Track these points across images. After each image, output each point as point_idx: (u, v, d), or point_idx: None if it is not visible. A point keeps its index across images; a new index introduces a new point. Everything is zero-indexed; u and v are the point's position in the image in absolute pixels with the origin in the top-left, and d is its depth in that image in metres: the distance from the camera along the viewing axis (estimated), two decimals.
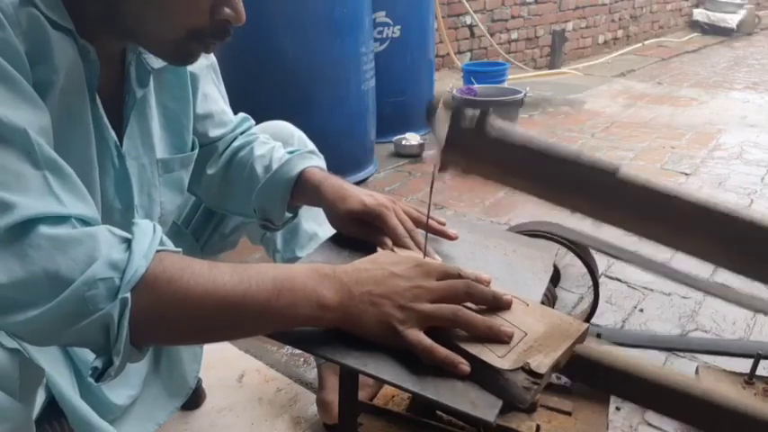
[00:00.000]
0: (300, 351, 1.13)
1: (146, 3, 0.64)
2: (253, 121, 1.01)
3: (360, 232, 0.82)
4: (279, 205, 0.91)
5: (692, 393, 0.63)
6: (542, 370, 0.57)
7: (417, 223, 0.82)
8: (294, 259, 1.06)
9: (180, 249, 0.60)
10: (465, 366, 0.58)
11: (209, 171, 0.96)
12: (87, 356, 0.78)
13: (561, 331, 0.64)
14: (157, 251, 0.56)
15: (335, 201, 0.84)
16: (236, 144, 0.97)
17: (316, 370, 1.21)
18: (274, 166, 0.91)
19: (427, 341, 0.59)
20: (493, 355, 0.59)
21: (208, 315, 0.58)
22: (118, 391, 0.87)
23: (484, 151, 0.63)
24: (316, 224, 1.08)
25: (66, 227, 0.53)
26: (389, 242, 0.79)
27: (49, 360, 0.69)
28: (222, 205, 1.01)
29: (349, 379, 0.75)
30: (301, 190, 0.89)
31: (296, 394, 1.26)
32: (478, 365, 0.59)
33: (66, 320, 0.52)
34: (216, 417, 1.19)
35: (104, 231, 0.55)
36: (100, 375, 0.56)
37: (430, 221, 0.83)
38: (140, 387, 0.93)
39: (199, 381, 1.11)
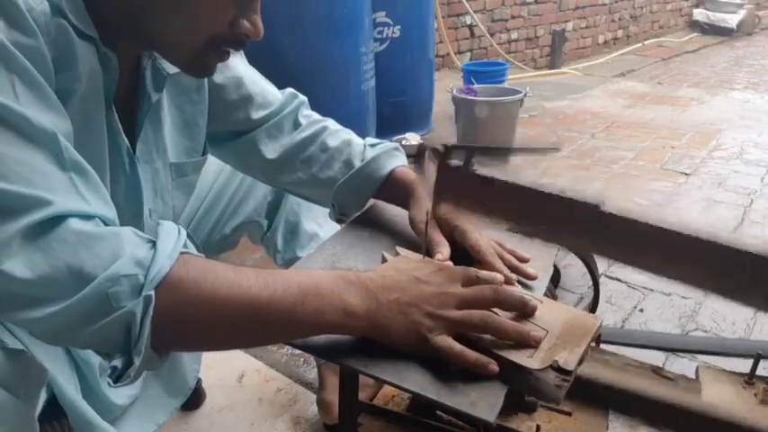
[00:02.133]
0: (300, 351, 1.13)
1: (168, 11, 0.64)
2: (302, 98, 0.97)
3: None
4: (362, 201, 0.92)
5: (691, 410, 0.63)
6: (571, 367, 0.58)
7: (500, 256, 0.79)
8: (294, 259, 1.06)
9: (202, 254, 0.60)
10: (494, 366, 0.59)
11: (270, 156, 0.93)
12: (89, 356, 0.79)
13: (580, 326, 0.65)
14: (181, 253, 0.56)
15: (422, 198, 0.83)
16: (302, 136, 0.93)
17: (316, 370, 1.21)
18: (356, 163, 0.91)
19: (458, 346, 0.59)
20: (521, 356, 0.60)
21: (232, 319, 0.57)
22: (119, 391, 0.87)
23: (470, 194, 0.64)
24: (316, 224, 1.08)
25: (92, 225, 0.54)
26: (445, 252, 0.76)
27: (52, 359, 0.69)
28: (290, 191, 1.01)
29: (349, 379, 0.75)
30: (389, 189, 0.90)
31: (296, 394, 1.26)
32: (508, 366, 0.59)
33: (88, 317, 0.52)
34: (216, 417, 1.19)
35: (129, 231, 0.55)
36: (119, 376, 0.55)
37: (513, 256, 0.80)
38: (141, 387, 0.93)
39: (199, 381, 1.11)
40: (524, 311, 0.65)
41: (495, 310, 0.65)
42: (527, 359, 0.59)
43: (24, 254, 0.50)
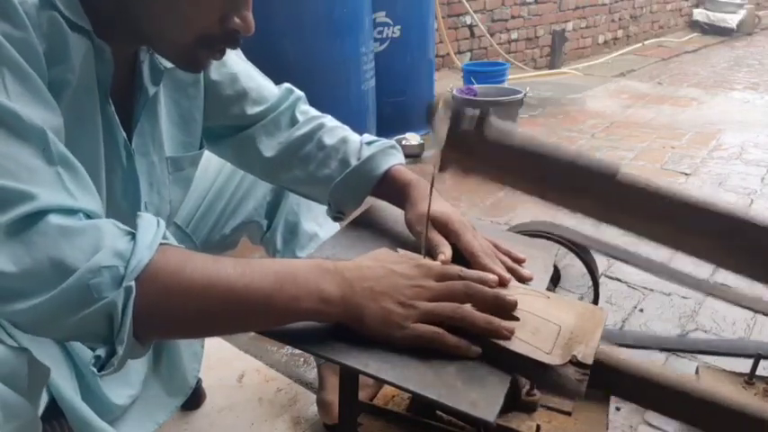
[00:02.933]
0: (300, 351, 1.13)
1: (158, 6, 0.64)
2: (299, 93, 0.97)
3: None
4: (358, 200, 0.92)
5: (692, 394, 0.63)
6: (589, 361, 0.60)
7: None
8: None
9: (182, 246, 0.61)
10: (476, 349, 0.61)
11: (267, 154, 0.93)
12: (88, 356, 0.79)
13: (589, 319, 0.66)
14: (161, 244, 0.57)
15: (418, 200, 0.83)
16: (299, 133, 0.93)
17: (316, 370, 1.21)
18: (352, 162, 0.90)
19: (439, 329, 0.61)
20: (541, 353, 0.60)
21: (211, 306, 0.58)
22: (118, 391, 0.87)
23: (483, 153, 0.63)
24: (316, 224, 1.08)
25: (74, 219, 0.54)
26: (447, 252, 0.76)
27: (50, 360, 0.69)
28: (289, 188, 1.01)
29: (349, 379, 0.75)
30: (385, 188, 0.90)
31: (296, 394, 1.26)
32: (529, 365, 0.60)
33: (70, 308, 0.52)
34: (216, 417, 1.19)
35: (109, 224, 0.56)
36: (103, 366, 0.56)
37: (508, 257, 0.80)
38: (140, 387, 0.93)
39: (199, 381, 1.11)
40: (499, 306, 0.65)
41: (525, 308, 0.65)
42: (547, 356, 0.60)
43: (8, 248, 0.51)
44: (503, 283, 0.72)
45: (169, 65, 0.76)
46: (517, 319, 0.65)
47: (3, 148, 0.53)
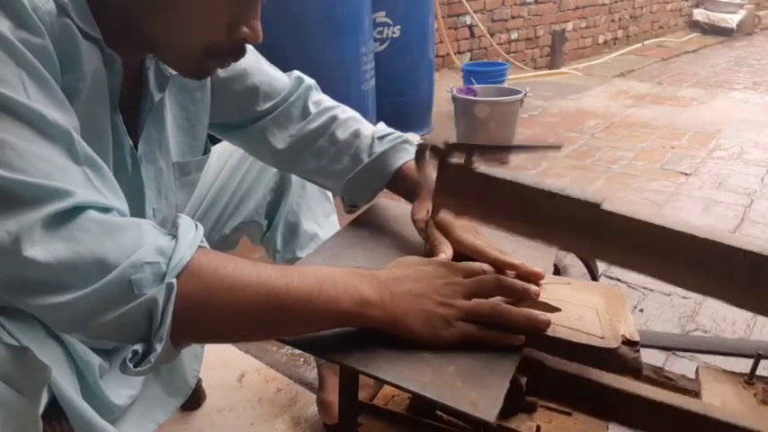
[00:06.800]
0: (300, 351, 1.13)
1: (166, 17, 0.64)
2: (309, 81, 0.96)
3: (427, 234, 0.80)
4: (371, 195, 0.93)
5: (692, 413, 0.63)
6: (637, 337, 0.62)
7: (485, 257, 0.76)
8: (294, 259, 1.06)
9: (216, 251, 0.61)
10: (520, 337, 0.63)
11: (279, 146, 0.92)
12: (89, 357, 0.79)
13: (613, 298, 0.68)
14: (199, 246, 0.57)
15: (424, 198, 0.83)
16: (311, 127, 0.92)
17: (316, 370, 1.21)
18: (364, 158, 0.90)
19: (481, 328, 0.63)
20: (597, 339, 0.62)
21: (252, 306, 0.58)
22: (118, 392, 0.86)
23: (471, 194, 0.65)
24: (316, 224, 1.08)
25: (112, 215, 0.55)
26: (448, 252, 0.76)
27: (51, 360, 0.69)
28: (303, 177, 1.02)
29: (349, 379, 0.75)
30: (396, 185, 0.90)
31: (296, 394, 1.26)
32: (590, 352, 0.62)
33: (110, 304, 0.52)
34: (216, 417, 1.19)
35: (149, 224, 0.57)
36: (139, 362, 0.55)
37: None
38: (140, 387, 0.93)
39: (199, 381, 1.11)
40: (527, 295, 0.67)
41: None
42: (603, 341, 0.62)
43: (47, 242, 0.51)
44: (524, 278, 0.72)
45: (175, 72, 0.76)
46: (559, 309, 0.66)
47: (33, 148, 0.53)
